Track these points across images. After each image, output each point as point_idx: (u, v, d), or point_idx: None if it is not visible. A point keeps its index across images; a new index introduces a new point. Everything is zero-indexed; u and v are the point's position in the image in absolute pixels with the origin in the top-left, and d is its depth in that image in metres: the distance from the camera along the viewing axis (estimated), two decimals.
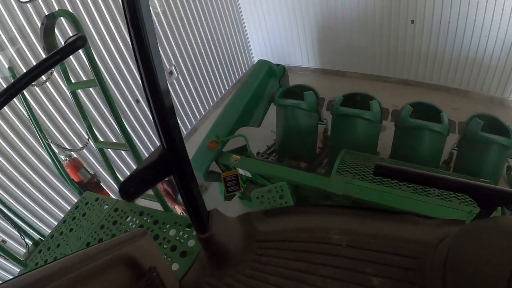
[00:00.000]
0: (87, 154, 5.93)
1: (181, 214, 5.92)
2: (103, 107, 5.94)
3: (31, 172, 5.28)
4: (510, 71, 7.53)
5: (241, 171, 5.03)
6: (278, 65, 6.09)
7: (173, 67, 7.17)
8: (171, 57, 7.14)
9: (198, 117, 8.26)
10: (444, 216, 3.77)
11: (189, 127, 8.02)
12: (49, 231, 3.06)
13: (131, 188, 1.23)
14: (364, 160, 4.60)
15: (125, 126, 2.79)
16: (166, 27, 6.93)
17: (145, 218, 2.60)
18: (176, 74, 7.29)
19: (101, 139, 5.70)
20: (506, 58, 7.38)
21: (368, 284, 1.38)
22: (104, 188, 5.51)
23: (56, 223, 3.22)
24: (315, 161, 5.73)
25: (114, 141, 6.18)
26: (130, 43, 1.00)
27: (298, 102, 5.31)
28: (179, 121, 7.55)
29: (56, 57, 1.78)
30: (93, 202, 3.02)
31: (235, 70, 9.39)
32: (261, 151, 6.14)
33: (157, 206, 3.00)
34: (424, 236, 1.47)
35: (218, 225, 1.58)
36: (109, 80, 6.05)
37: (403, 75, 8.65)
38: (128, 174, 1.27)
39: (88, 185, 4.94)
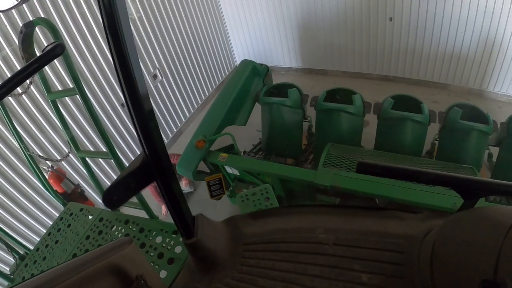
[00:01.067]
0: (71, 164, 5.87)
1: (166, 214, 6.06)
2: (80, 116, 5.87)
3: (14, 184, 5.15)
4: (487, 63, 7.78)
5: (229, 170, 5.09)
6: (261, 64, 6.19)
7: (157, 70, 7.19)
8: (155, 61, 7.16)
9: (183, 120, 8.29)
10: (433, 202, 3.95)
11: (175, 130, 8.03)
12: (35, 244, 3.01)
13: (114, 196, 1.22)
14: (349, 152, 4.72)
15: (107, 134, 2.79)
16: (150, 31, 6.94)
17: (130, 227, 2.58)
18: (161, 78, 7.32)
19: (89, 147, 5.68)
20: (482, 51, 7.62)
21: (356, 281, 1.41)
22: (89, 198, 5.46)
23: (41, 236, 3.18)
24: (301, 157, 5.81)
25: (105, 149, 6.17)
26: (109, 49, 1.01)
27: (282, 99, 5.39)
28: (164, 125, 7.62)
29: (34, 65, 1.77)
30: (77, 213, 2.98)
31: (218, 72, 9.43)
32: (247, 150, 6.20)
33: (142, 213, 3.00)
34: (409, 230, 1.52)
35: (204, 230, 1.58)
36: (94, 85, 6.04)
37: (384, 71, 8.84)
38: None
39: (72, 196, 4.92)
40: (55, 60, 2.55)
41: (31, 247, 3.18)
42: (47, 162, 4.64)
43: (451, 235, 1.24)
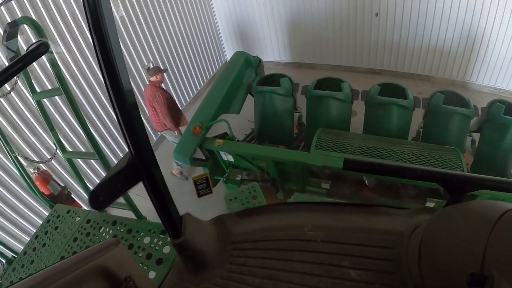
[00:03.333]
0: (57, 166, 5.84)
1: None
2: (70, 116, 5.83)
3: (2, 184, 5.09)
4: (469, 56, 8.09)
5: (224, 156, 5.29)
6: (254, 56, 6.41)
7: (151, 63, 7.33)
8: (149, 54, 7.31)
9: None
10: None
11: None
12: (22, 248, 2.95)
13: (100, 197, 1.21)
14: (339, 136, 4.97)
15: (93, 134, 2.80)
16: (144, 24, 7.10)
17: (118, 228, 2.56)
18: None
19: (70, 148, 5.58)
20: (465, 44, 7.93)
21: (346, 277, 1.41)
22: (76, 199, 5.44)
23: (28, 239, 3.12)
24: (292, 145, 6.02)
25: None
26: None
27: (275, 88, 5.61)
28: None
29: (18, 65, 1.79)
30: (64, 215, 2.92)
31: (209, 66, 9.58)
32: (240, 139, 6.38)
33: (130, 214, 3.00)
34: (397, 226, 1.51)
35: (192, 229, 1.56)
36: (83, 83, 6.07)
37: (370, 65, 9.14)
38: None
39: (59, 198, 4.84)
40: (44, 59, 2.57)
41: (20, 248, 3.19)
42: (34, 163, 4.61)
43: (438, 230, 1.25)
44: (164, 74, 6.34)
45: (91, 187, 3.60)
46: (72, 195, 5.21)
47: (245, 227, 1.82)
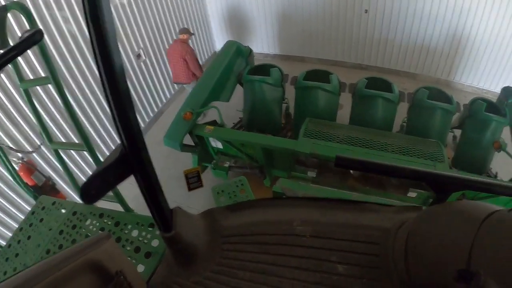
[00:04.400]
0: (42, 156, 5.64)
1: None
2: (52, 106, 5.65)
3: None
4: (454, 56, 8.31)
5: (213, 143, 5.38)
6: (245, 46, 6.51)
7: (141, 50, 7.35)
8: (140, 40, 7.32)
9: (164, 101, 8.46)
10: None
11: (156, 110, 8.19)
12: (6, 241, 2.82)
13: (92, 190, 1.16)
14: (326, 126, 5.11)
15: (81, 125, 2.71)
16: (136, 11, 7.10)
17: (105, 220, 2.47)
18: (144, 57, 7.47)
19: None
20: (450, 44, 8.14)
21: (333, 272, 1.43)
22: (60, 191, 5.28)
23: (12, 231, 2.98)
24: (279, 134, 6.12)
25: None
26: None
27: (265, 77, 5.71)
28: (146, 104, 7.78)
29: (12, 52, 1.75)
30: (49, 207, 2.79)
31: (199, 55, 9.58)
32: (228, 127, 6.46)
33: (117, 206, 2.94)
34: (384, 222, 1.54)
35: (182, 223, 1.54)
36: (75, 70, 5.97)
37: (357, 60, 9.32)
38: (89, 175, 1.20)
39: (43, 189, 4.75)
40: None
41: (4, 241, 3.05)
42: (18, 154, 4.54)
43: (425, 227, 1.27)
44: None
45: (78, 180, 3.49)
46: (56, 186, 5.06)
47: (235, 221, 1.82)
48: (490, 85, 8.43)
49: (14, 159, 4.49)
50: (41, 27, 4.53)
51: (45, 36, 5.04)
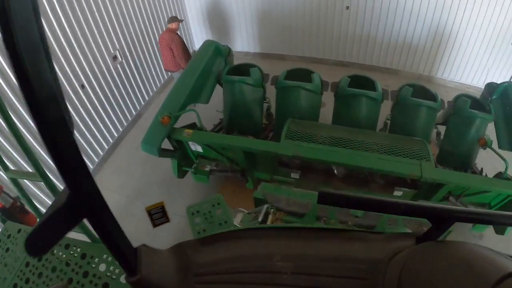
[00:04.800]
0: None
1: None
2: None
3: None
4: (436, 52, 8.32)
5: (192, 147, 5.21)
6: (224, 45, 6.33)
7: (117, 51, 7.13)
8: (115, 42, 7.10)
9: (143, 103, 8.24)
10: (394, 169, 4.26)
11: (134, 113, 7.97)
12: None
13: (38, 242, 0.98)
14: (309, 127, 4.98)
15: (32, 152, 2.52)
16: (111, 11, 6.87)
17: (71, 252, 2.29)
18: (120, 59, 7.26)
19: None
20: (432, 40, 8.15)
21: None
22: (30, 211, 5.00)
23: None
24: (261, 135, 6.00)
25: None
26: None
27: (244, 77, 5.56)
28: (124, 108, 7.55)
29: None
30: (15, 235, 2.60)
31: None
32: (209, 130, 6.30)
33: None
34: (373, 253, 1.41)
35: (149, 262, 1.36)
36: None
37: (339, 57, 9.25)
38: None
39: (11, 211, 4.35)
40: None
41: None
42: None
43: (420, 267, 1.17)
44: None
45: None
46: (25, 207, 4.80)
47: (208, 256, 1.63)
48: (472, 80, 8.47)
49: None
50: None
51: None
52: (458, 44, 8.04)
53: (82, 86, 6.41)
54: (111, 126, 7.23)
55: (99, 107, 6.81)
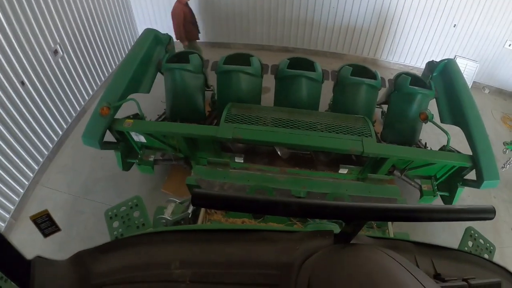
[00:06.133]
0: None
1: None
2: None
3: None
4: (380, 35, 8.54)
5: (135, 138, 5.10)
6: (164, 34, 6.24)
7: (58, 45, 6.84)
8: (56, 35, 6.79)
9: (87, 98, 7.96)
10: (334, 145, 4.29)
11: (78, 108, 7.69)
12: None
13: None
14: (250, 110, 4.98)
15: None
16: (50, 2, 6.58)
17: None
18: (62, 53, 6.98)
19: None
20: (376, 23, 8.37)
21: None
22: None
23: None
24: (205, 122, 5.95)
25: None
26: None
27: (184, 64, 5.49)
28: (67, 103, 7.28)
29: None
30: None
31: (121, 47, 9.15)
32: (152, 120, 6.21)
33: None
34: (284, 256, 1.28)
35: (44, 276, 1.24)
36: None
37: (283, 43, 9.34)
38: None
39: None
40: None
41: None
42: None
43: (326, 276, 1.09)
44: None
45: None
46: None
47: (106, 265, 1.47)
48: (416, 62, 8.79)
49: None
50: None
51: None
52: (401, 27, 8.26)
53: (22, 83, 6.14)
54: (54, 124, 6.95)
55: (41, 104, 6.51)
